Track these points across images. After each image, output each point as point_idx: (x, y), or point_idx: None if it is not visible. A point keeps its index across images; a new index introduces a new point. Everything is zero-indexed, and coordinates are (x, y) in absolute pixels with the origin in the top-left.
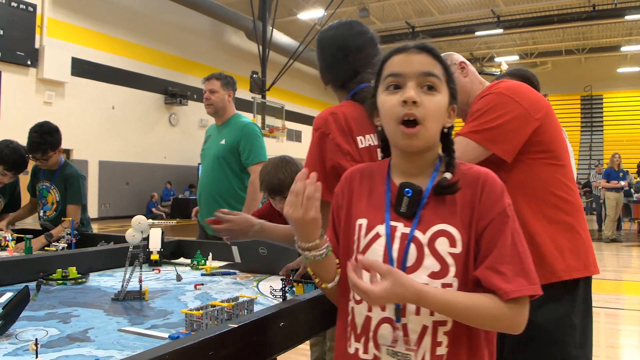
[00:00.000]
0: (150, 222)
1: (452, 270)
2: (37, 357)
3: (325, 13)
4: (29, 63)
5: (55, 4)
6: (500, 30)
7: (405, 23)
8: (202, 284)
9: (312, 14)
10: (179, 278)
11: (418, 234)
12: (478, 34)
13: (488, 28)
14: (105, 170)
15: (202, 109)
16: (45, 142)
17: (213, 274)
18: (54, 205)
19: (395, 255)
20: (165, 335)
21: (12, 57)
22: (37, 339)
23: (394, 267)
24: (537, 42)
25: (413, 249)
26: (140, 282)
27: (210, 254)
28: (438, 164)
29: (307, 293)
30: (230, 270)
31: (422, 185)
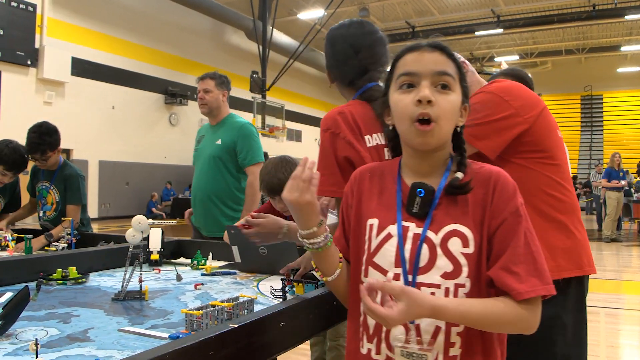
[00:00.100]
0: (151, 222)
1: (465, 271)
2: (37, 357)
3: (325, 13)
4: (29, 63)
5: (55, 4)
6: (500, 30)
7: (405, 23)
8: (202, 284)
9: (312, 14)
10: (179, 278)
11: (430, 234)
12: (478, 34)
13: (488, 28)
14: (105, 170)
15: None
16: (44, 142)
17: (213, 274)
18: (54, 206)
19: (408, 256)
20: (166, 335)
21: (12, 57)
22: (37, 339)
23: (407, 267)
24: (537, 41)
25: (425, 250)
26: (141, 282)
27: (211, 254)
28: (450, 164)
29: (307, 293)
30: (231, 270)
31: (433, 185)
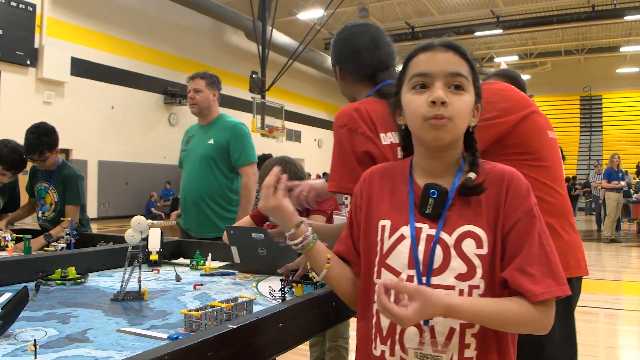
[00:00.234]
0: (150, 222)
1: (479, 272)
2: (35, 357)
3: (325, 13)
4: (29, 63)
5: (55, 4)
6: (500, 31)
7: (405, 23)
8: (201, 285)
9: (311, 14)
10: (178, 278)
11: (444, 236)
12: (478, 34)
13: (488, 28)
14: (105, 170)
15: None
16: (42, 143)
17: (212, 275)
18: (53, 206)
19: (421, 257)
20: (165, 336)
21: (11, 56)
22: (36, 340)
23: (420, 269)
24: (536, 42)
25: (439, 251)
26: (140, 282)
27: (210, 254)
28: (462, 164)
29: (306, 294)
30: (230, 271)
31: (446, 185)
